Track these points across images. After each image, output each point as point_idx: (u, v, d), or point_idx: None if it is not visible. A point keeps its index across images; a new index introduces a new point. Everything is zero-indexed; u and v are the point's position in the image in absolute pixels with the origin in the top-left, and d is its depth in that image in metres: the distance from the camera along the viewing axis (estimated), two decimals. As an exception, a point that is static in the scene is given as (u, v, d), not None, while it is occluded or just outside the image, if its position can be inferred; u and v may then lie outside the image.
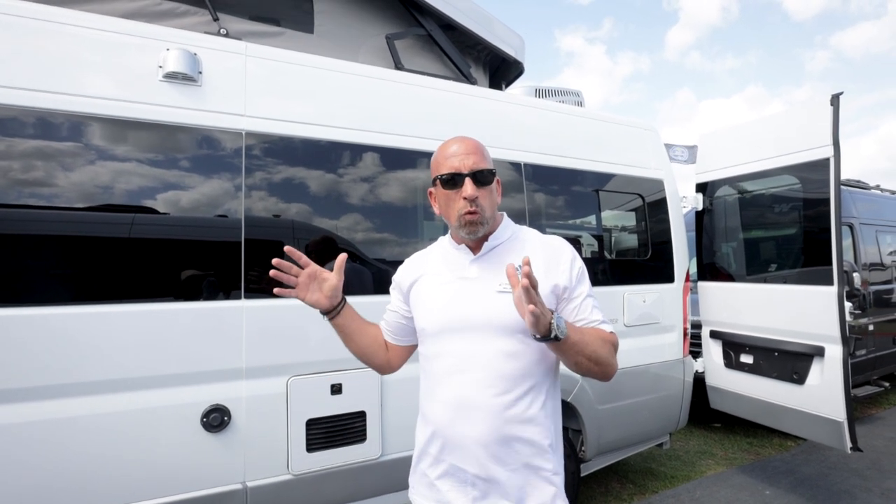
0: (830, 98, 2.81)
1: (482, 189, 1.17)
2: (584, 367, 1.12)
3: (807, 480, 3.59)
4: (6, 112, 1.67)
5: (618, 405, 2.92)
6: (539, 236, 1.28)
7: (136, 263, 1.83)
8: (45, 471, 1.65)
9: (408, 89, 2.46)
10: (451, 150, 1.20)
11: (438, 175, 1.20)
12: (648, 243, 3.21)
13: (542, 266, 1.17)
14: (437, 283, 1.25)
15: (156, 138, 1.89)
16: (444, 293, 1.22)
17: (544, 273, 1.17)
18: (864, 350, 4.91)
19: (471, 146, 1.20)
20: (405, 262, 1.37)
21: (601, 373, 1.15)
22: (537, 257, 1.17)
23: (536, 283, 0.97)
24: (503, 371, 1.12)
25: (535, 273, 1.07)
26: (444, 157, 1.20)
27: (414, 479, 1.28)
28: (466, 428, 1.12)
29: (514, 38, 3.36)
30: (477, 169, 1.16)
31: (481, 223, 1.18)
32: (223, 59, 2.03)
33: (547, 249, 1.22)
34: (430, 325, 1.22)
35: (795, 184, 3.15)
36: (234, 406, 1.91)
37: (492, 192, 1.21)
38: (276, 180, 2.09)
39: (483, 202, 1.17)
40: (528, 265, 0.95)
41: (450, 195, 1.19)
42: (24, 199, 1.69)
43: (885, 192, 6.12)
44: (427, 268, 1.30)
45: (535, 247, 1.23)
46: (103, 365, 1.73)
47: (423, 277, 1.28)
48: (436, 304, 1.22)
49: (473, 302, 1.17)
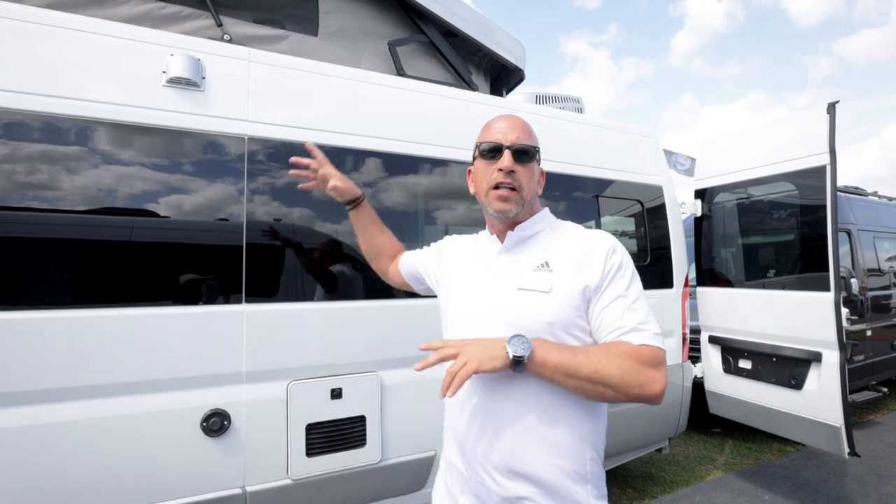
0: (827, 106, 2.83)
1: (522, 166, 1.11)
2: (590, 391, 0.96)
3: (806, 486, 3.60)
4: (11, 116, 1.67)
5: (617, 410, 2.92)
6: (578, 232, 1.14)
7: (136, 267, 1.83)
8: (44, 475, 1.65)
9: (409, 95, 2.47)
10: (497, 125, 1.15)
11: (478, 144, 1.15)
12: (648, 249, 3.22)
13: (572, 265, 1.06)
14: (464, 275, 1.22)
15: (158, 143, 1.90)
16: (469, 284, 1.18)
17: (573, 273, 1.05)
18: (862, 355, 4.93)
19: (517, 123, 1.14)
20: (454, 237, 1.39)
21: (628, 397, 0.96)
22: (568, 256, 1.08)
23: (439, 359, 0.94)
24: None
25: (563, 274, 1.05)
26: (488, 128, 1.16)
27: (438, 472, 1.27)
28: (482, 436, 1.07)
29: (515, 46, 3.38)
30: (520, 143, 1.10)
31: (515, 201, 1.10)
32: (226, 65, 2.04)
33: (583, 246, 1.08)
34: (453, 313, 1.19)
35: (793, 190, 3.17)
36: (234, 410, 1.91)
37: (532, 174, 1.14)
38: (278, 185, 2.10)
39: (521, 179, 1.10)
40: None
41: (486, 166, 1.13)
42: (25, 202, 1.69)
43: (883, 198, 6.16)
44: (459, 255, 1.29)
45: (570, 243, 1.10)
46: (103, 369, 1.73)
47: (459, 261, 1.27)
48: (459, 292, 1.19)
49: (493, 298, 1.11)
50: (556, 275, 1.06)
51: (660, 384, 0.96)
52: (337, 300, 2.18)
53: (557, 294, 1.04)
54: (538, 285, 1.05)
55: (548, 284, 1.05)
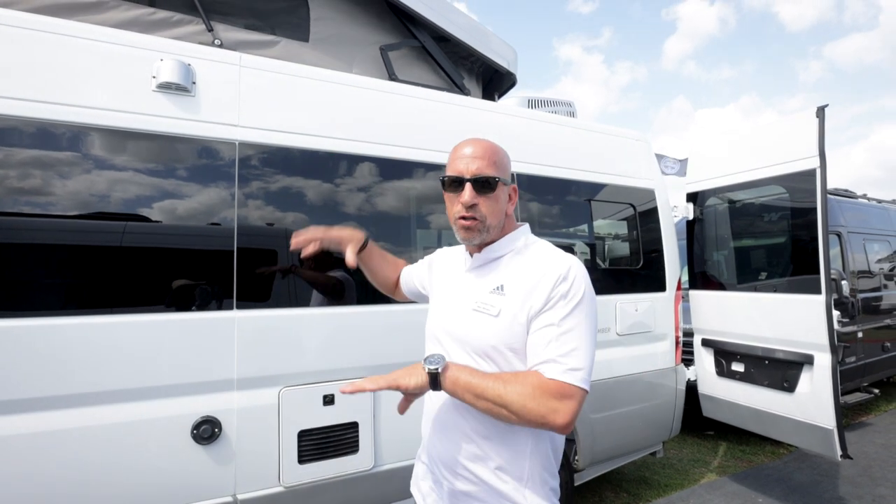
0: (816, 110, 2.86)
1: (484, 196, 1.12)
2: (495, 413, 0.99)
3: (799, 488, 3.61)
4: (1, 122, 1.66)
5: (611, 414, 2.93)
6: (543, 255, 1.14)
7: (126, 273, 1.81)
8: (33, 483, 1.62)
9: (401, 100, 2.48)
10: (460, 151, 1.17)
11: (442, 176, 1.18)
12: (640, 252, 3.23)
13: (523, 290, 1.08)
14: (443, 286, 1.29)
15: (149, 148, 1.89)
16: (441, 296, 1.25)
17: (523, 299, 1.07)
18: (854, 357, 4.96)
19: (479, 150, 1.14)
20: (446, 250, 1.43)
21: (529, 423, 0.98)
22: (522, 281, 1.09)
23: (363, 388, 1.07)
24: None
25: (513, 298, 1.09)
26: (453, 157, 1.18)
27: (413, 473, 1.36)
28: (437, 440, 1.19)
29: (507, 50, 3.40)
30: (480, 175, 1.11)
31: (478, 230, 1.14)
32: (217, 70, 2.04)
33: (536, 272, 1.09)
34: (427, 326, 1.27)
35: (784, 194, 3.20)
36: (225, 418, 1.90)
37: (497, 201, 1.15)
38: (270, 190, 2.09)
39: (484, 209, 1.13)
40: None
41: (451, 198, 1.17)
42: (15, 207, 1.67)
43: (873, 201, 6.23)
44: (444, 268, 1.35)
45: (528, 268, 1.11)
46: (92, 376, 1.71)
47: (442, 275, 1.34)
48: (434, 306, 1.26)
49: (454, 314, 1.18)
50: (507, 299, 1.10)
51: (562, 417, 0.96)
52: (329, 306, 2.17)
53: (503, 318, 1.08)
54: (489, 308, 1.11)
55: (497, 308, 1.09)
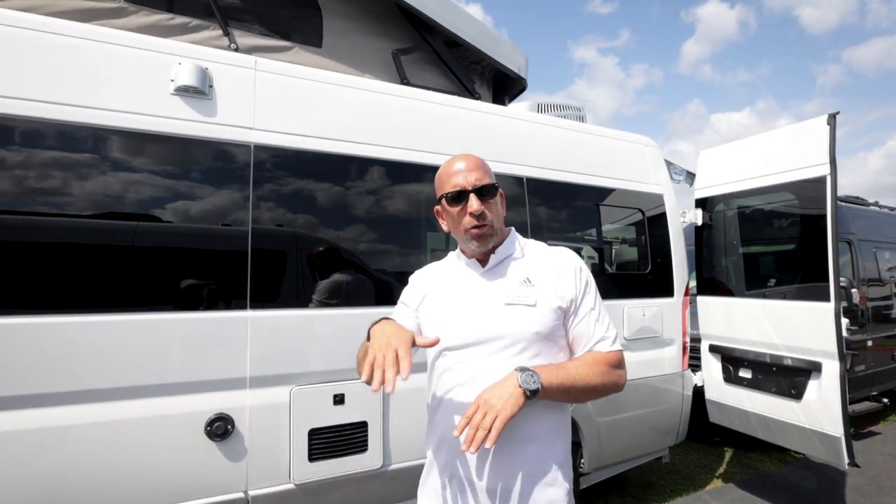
0: (827, 118, 2.86)
1: (487, 203, 1.22)
2: (581, 398, 1.19)
3: (806, 496, 3.59)
4: (23, 124, 1.70)
5: (617, 418, 2.94)
6: (545, 250, 1.31)
7: (143, 273, 1.86)
8: (48, 479, 1.66)
9: (413, 104, 2.51)
10: (454, 167, 1.25)
11: (444, 193, 1.24)
12: (648, 257, 3.24)
13: (550, 280, 1.21)
14: (448, 298, 1.26)
15: (166, 150, 1.93)
16: (456, 307, 1.23)
17: (553, 287, 1.20)
18: (863, 366, 4.92)
19: (472, 163, 1.24)
20: (411, 282, 1.38)
21: (605, 394, 1.20)
22: (545, 272, 1.22)
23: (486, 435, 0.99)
24: None
25: (544, 288, 1.19)
26: (447, 175, 1.25)
27: (423, 492, 1.28)
28: (491, 472, 1.13)
29: (517, 55, 3.42)
30: (481, 184, 1.21)
31: (490, 235, 1.22)
32: (233, 74, 2.08)
33: (555, 262, 1.25)
34: (443, 339, 1.20)
35: (793, 200, 3.19)
36: (238, 415, 1.93)
37: (497, 205, 1.26)
38: (283, 192, 2.13)
39: (490, 215, 1.22)
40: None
41: (457, 211, 1.23)
42: (31, 206, 1.72)
43: (884, 208, 6.17)
44: (436, 284, 1.31)
45: (543, 260, 1.26)
46: (108, 373, 1.75)
47: (434, 293, 1.30)
48: (448, 318, 1.23)
49: (484, 315, 1.19)
50: (538, 289, 1.21)
51: (625, 378, 1.23)
52: (340, 307, 2.20)
53: (542, 306, 1.19)
54: (524, 299, 1.19)
55: (533, 298, 1.19)
